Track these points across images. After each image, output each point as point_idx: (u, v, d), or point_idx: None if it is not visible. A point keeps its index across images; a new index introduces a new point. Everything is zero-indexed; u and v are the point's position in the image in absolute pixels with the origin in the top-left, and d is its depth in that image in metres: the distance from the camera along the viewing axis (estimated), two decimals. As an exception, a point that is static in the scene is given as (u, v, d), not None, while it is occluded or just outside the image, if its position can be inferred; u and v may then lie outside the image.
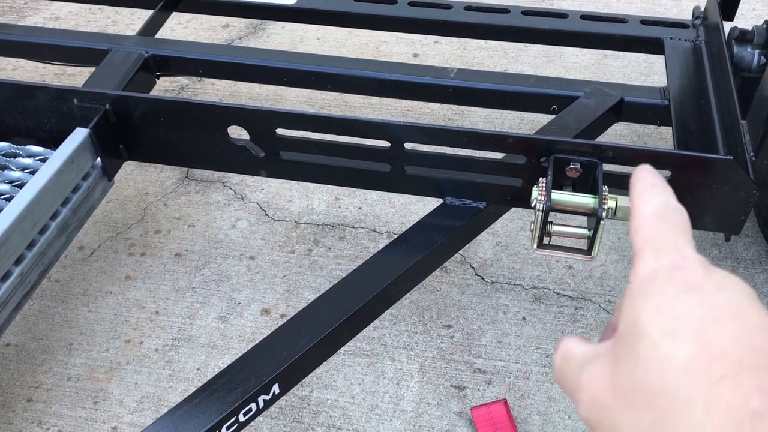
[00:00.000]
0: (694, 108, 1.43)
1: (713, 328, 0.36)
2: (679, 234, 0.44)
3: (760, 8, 2.43)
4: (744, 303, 0.38)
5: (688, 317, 0.37)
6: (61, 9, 2.63)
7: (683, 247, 0.43)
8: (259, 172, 1.38)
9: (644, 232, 0.44)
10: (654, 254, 0.42)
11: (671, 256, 0.42)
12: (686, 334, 0.36)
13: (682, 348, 0.36)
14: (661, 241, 0.43)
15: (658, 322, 0.38)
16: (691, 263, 0.41)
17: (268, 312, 1.61)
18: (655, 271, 0.41)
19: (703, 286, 0.39)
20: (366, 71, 1.64)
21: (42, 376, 1.51)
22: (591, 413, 0.41)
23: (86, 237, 1.79)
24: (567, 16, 1.73)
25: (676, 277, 0.40)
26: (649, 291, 0.40)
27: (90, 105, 1.33)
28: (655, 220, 0.45)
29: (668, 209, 0.45)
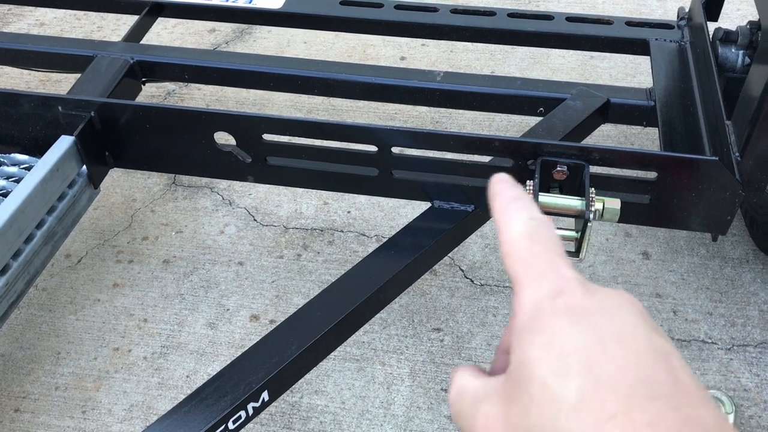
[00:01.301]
0: (679, 109, 1.43)
1: (601, 359, 0.35)
2: (553, 253, 0.42)
3: (744, 8, 2.45)
4: (630, 322, 0.38)
5: (577, 351, 0.36)
6: (46, 15, 2.61)
7: (560, 267, 0.41)
8: (246, 177, 1.38)
9: (517, 258, 0.42)
10: (534, 282, 0.40)
11: (551, 282, 0.40)
12: (575, 370, 0.35)
13: (571, 386, 0.35)
14: (538, 266, 0.41)
15: (547, 360, 0.36)
16: (573, 285, 0.39)
17: (258, 318, 1.60)
18: (539, 301, 0.39)
19: (587, 310, 0.38)
20: (353, 75, 1.64)
21: (29, 385, 1.49)
22: None
23: (73, 245, 1.77)
24: (553, 18, 1.73)
25: (559, 305, 0.38)
26: (535, 325, 0.38)
27: (75, 112, 1.32)
28: (527, 243, 0.42)
29: (537, 227, 0.43)
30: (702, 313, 1.59)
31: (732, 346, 1.53)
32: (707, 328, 1.56)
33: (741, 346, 1.53)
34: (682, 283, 1.65)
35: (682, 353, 1.51)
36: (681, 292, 1.63)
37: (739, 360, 1.50)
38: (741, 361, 1.50)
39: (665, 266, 1.69)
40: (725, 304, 1.61)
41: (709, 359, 1.50)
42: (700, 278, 1.66)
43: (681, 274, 1.67)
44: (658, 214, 1.25)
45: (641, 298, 1.61)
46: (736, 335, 1.55)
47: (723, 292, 1.63)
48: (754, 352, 1.52)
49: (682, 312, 1.59)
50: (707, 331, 1.56)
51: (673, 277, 1.66)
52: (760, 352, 1.52)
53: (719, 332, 1.55)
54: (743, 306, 1.60)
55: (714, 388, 1.44)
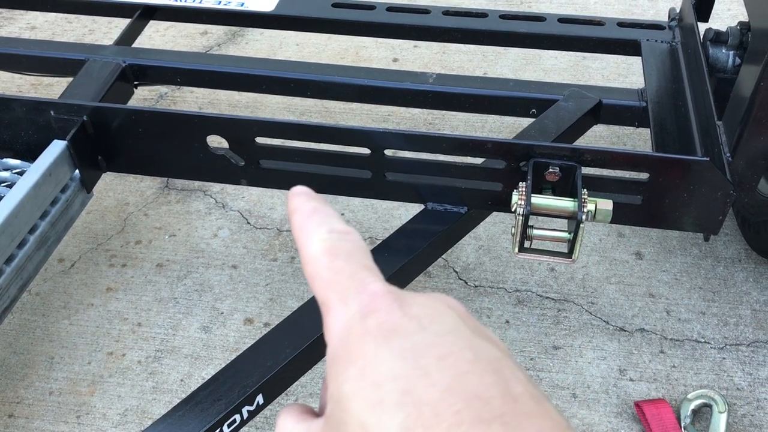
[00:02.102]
0: (671, 109, 1.44)
1: (423, 384, 0.31)
2: (358, 267, 0.37)
3: (735, 8, 2.46)
4: (451, 336, 0.34)
5: (395, 377, 0.32)
6: (37, 18, 2.60)
7: (368, 282, 0.36)
8: (239, 181, 1.38)
9: (320, 278, 0.37)
10: (340, 302, 0.36)
11: (359, 299, 0.35)
12: (394, 401, 0.31)
13: (393, 421, 0.31)
14: (342, 283, 0.36)
15: (363, 393, 0.32)
16: (383, 300, 0.35)
17: (252, 321, 1.60)
18: (348, 323, 0.35)
19: (403, 327, 0.34)
20: (346, 77, 1.64)
21: (23, 391, 1.49)
22: None
23: (66, 249, 1.77)
24: (545, 20, 1.74)
25: (371, 325, 0.34)
26: (346, 352, 0.34)
27: (67, 117, 1.32)
28: (328, 259, 0.37)
29: (337, 240, 0.38)
30: (695, 312, 1.60)
31: (725, 345, 1.54)
32: (700, 327, 1.57)
33: (734, 346, 1.53)
34: (675, 283, 1.65)
35: (676, 353, 1.52)
36: (674, 291, 1.64)
37: (731, 359, 1.51)
38: (734, 360, 1.51)
39: (658, 266, 1.69)
40: (718, 304, 1.61)
41: (702, 359, 1.51)
42: (692, 278, 1.66)
43: (674, 274, 1.67)
44: (650, 215, 1.26)
45: (634, 298, 1.62)
46: (729, 334, 1.55)
47: (716, 291, 1.64)
48: (747, 351, 1.52)
49: (675, 312, 1.60)
50: (700, 331, 1.56)
51: (666, 277, 1.67)
52: (753, 351, 1.52)
53: (712, 332, 1.56)
54: (736, 305, 1.61)
55: (707, 387, 1.45)
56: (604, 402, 1.44)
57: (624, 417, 1.42)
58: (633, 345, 1.54)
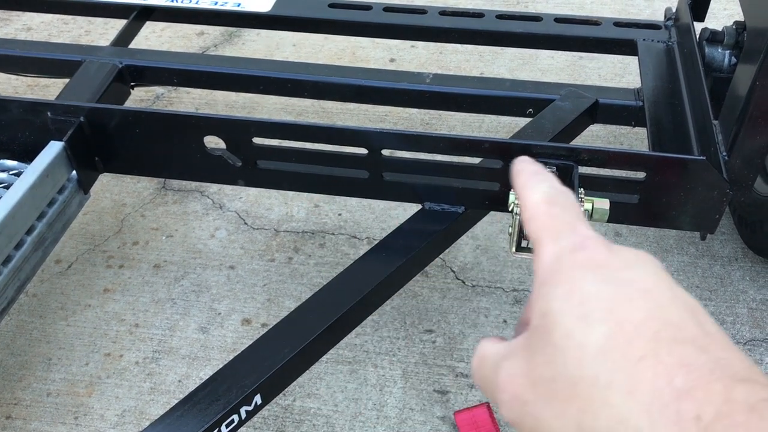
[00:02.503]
0: (667, 109, 1.44)
1: (626, 307, 0.35)
2: (572, 215, 0.43)
3: (731, 8, 2.46)
4: (653, 278, 0.38)
5: (599, 299, 0.36)
6: (33, 19, 2.60)
7: (579, 227, 0.41)
8: (236, 181, 1.38)
9: (537, 220, 0.43)
10: (553, 239, 0.41)
11: (570, 238, 0.40)
12: (599, 317, 0.35)
13: (596, 331, 0.35)
14: (556, 225, 0.42)
15: (569, 309, 0.36)
16: (592, 242, 0.40)
17: (249, 322, 1.60)
18: (558, 255, 0.40)
19: (608, 264, 0.38)
20: (343, 78, 1.64)
21: (21, 392, 1.49)
22: (513, 413, 0.39)
23: (63, 250, 1.77)
24: (541, 20, 1.74)
25: (579, 258, 0.39)
26: (555, 277, 0.38)
27: (64, 118, 1.32)
28: (546, 206, 0.43)
29: (555, 193, 0.44)
30: (692, 311, 1.60)
31: (722, 343, 1.54)
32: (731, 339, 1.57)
33: (731, 344, 1.54)
34: (672, 282, 1.66)
35: (673, 351, 1.52)
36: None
37: (728, 357, 1.51)
38: (731, 359, 1.51)
39: (655, 265, 1.69)
40: (715, 303, 1.62)
41: (699, 357, 1.51)
42: (689, 277, 1.67)
43: (671, 273, 1.67)
44: (647, 214, 1.26)
45: (631, 297, 1.63)
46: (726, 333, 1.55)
47: (712, 290, 1.64)
48: (743, 349, 1.53)
49: (672, 310, 1.60)
50: (697, 329, 1.56)
51: (663, 275, 1.67)
52: (750, 349, 1.53)
53: (709, 330, 1.56)
54: (732, 304, 1.61)
55: (704, 386, 1.45)
56: (602, 401, 1.44)
57: (621, 416, 1.42)
58: (630, 344, 1.54)
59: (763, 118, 1.17)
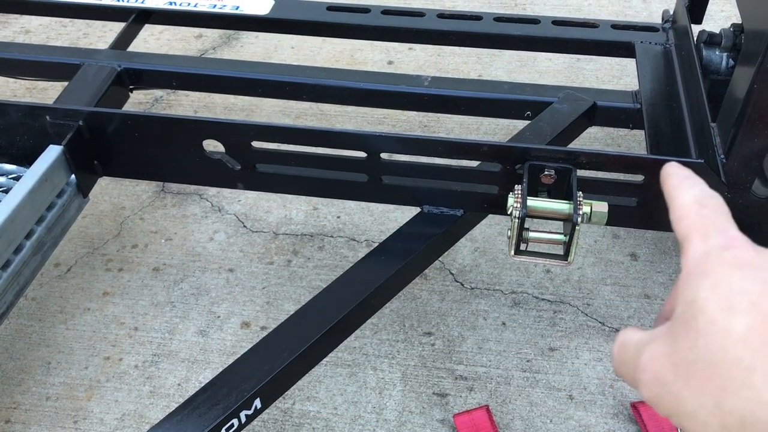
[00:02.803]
0: (665, 111, 1.45)
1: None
2: (722, 217, 0.45)
3: (728, 9, 2.47)
4: None
5: (744, 292, 0.38)
6: (31, 22, 2.60)
7: (729, 228, 0.44)
8: (235, 185, 1.38)
9: (687, 219, 0.46)
10: (702, 238, 0.44)
11: (719, 238, 0.43)
12: (743, 308, 0.38)
13: (740, 321, 0.37)
14: (706, 225, 0.44)
15: (715, 299, 0.39)
16: (740, 243, 0.42)
17: (249, 325, 1.60)
18: (707, 252, 0.42)
19: (755, 263, 0.40)
20: (341, 81, 1.65)
21: (20, 396, 1.49)
22: (653, 391, 0.42)
23: (62, 254, 1.77)
24: (539, 22, 1.74)
25: (727, 256, 0.41)
26: (703, 271, 0.41)
27: (63, 122, 1.32)
28: (697, 207, 0.46)
29: (706, 196, 0.47)
30: (690, 313, 1.60)
31: (720, 345, 1.54)
32: None
33: (729, 346, 1.54)
34: (671, 284, 1.66)
35: (671, 353, 1.52)
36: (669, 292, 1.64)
37: (727, 359, 1.51)
38: (729, 361, 1.51)
39: (653, 267, 1.70)
40: (713, 304, 1.62)
41: (697, 359, 1.51)
42: (687, 278, 1.67)
43: (669, 275, 1.68)
44: (645, 217, 1.27)
45: (630, 299, 1.63)
46: None
47: (711, 292, 1.64)
48: (742, 351, 1.53)
49: (670, 312, 1.60)
50: (696, 331, 1.57)
51: (662, 277, 1.68)
52: (748, 351, 1.53)
53: (707, 332, 1.56)
54: (731, 305, 1.61)
55: (703, 388, 1.45)
56: (601, 403, 1.45)
57: (620, 418, 1.42)
58: (629, 346, 1.54)
59: (761, 121, 1.18)
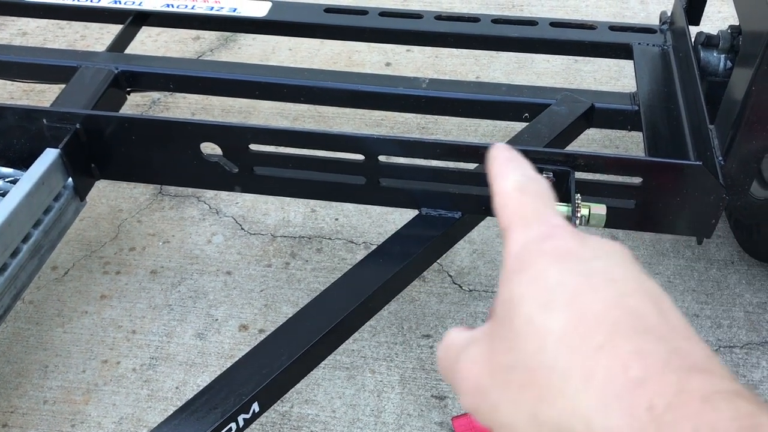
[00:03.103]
0: (663, 113, 1.45)
1: (589, 296, 0.35)
2: (543, 204, 0.42)
3: (725, 10, 2.47)
4: (621, 267, 0.37)
5: (564, 286, 0.35)
6: (28, 24, 2.60)
7: (550, 216, 0.41)
8: (233, 187, 1.38)
9: (507, 208, 0.42)
10: (522, 228, 0.40)
11: (539, 227, 0.40)
12: (561, 304, 0.35)
13: (557, 318, 0.34)
14: (526, 214, 0.41)
15: (533, 295, 0.36)
16: (561, 231, 0.39)
17: (246, 328, 1.60)
18: (526, 243, 0.39)
19: (577, 253, 0.38)
20: (339, 83, 1.64)
21: (17, 400, 1.48)
22: (471, 401, 0.38)
23: (60, 257, 1.76)
24: (537, 24, 1.74)
25: (548, 247, 0.38)
26: (522, 265, 0.38)
27: (60, 125, 1.32)
28: (517, 193, 0.43)
29: (527, 181, 0.43)
30: (688, 315, 1.60)
31: (719, 347, 1.54)
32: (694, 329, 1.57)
33: (727, 348, 1.54)
34: (669, 286, 1.66)
35: (670, 355, 1.52)
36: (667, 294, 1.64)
37: (725, 361, 1.51)
38: (728, 363, 1.51)
39: (651, 269, 1.70)
40: (711, 306, 1.62)
41: (696, 361, 1.51)
42: (686, 280, 1.67)
43: (667, 277, 1.68)
44: (643, 219, 1.26)
45: (628, 301, 1.63)
46: (723, 336, 1.56)
47: (709, 294, 1.64)
48: (741, 353, 1.53)
49: (669, 314, 1.60)
50: (694, 333, 1.57)
51: (660, 279, 1.67)
52: (746, 353, 1.53)
53: (706, 334, 1.56)
54: (729, 307, 1.61)
55: (702, 390, 1.45)
56: (600, 405, 1.44)
57: (619, 420, 1.42)
58: (627, 348, 1.54)
59: (760, 123, 1.18)
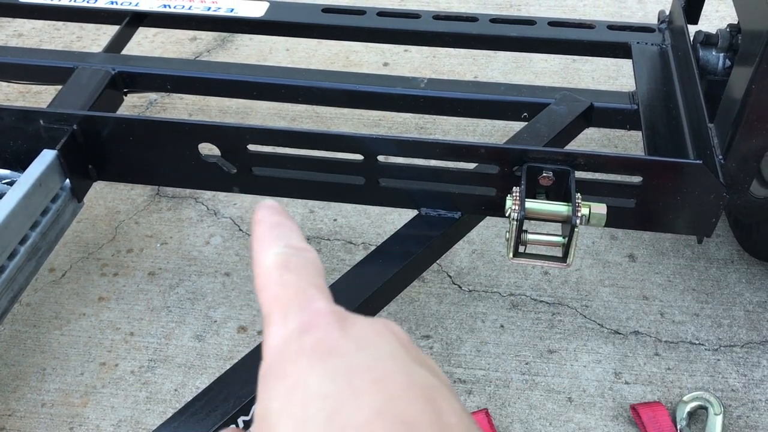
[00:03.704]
0: (662, 112, 1.44)
1: (352, 405, 0.30)
2: (307, 284, 0.37)
3: (723, 9, 2.47)
4: (388, 360, 0.33)
5: (323, 397, 0.31)
6: (24, 25, 2.59)
7: (313, 299, 0.36)
8: (231, 188, 1.37)
9: (268, 290, 0.37)
10: (281, 317, 0.35)
11: (300, 315, 0.35)
12: (321, 421, 0.30)
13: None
14: (287, 299, 0.36)
15: (289, 411, 0.31)
16: (324, 319, 0.35)
17: (245, 329, 1.59)
18: (285, 339, 0.34)
19: (339, 348, 0.33)
20: (336, 83, 1.64)
21: (15, 403, 1.47)
22: None
23: (57, 259, 1.75)
24: (535, 23, 1.74)
25: (308, 343, 0.33)
26: (279, 369, 0.33)
27: (57, 126, 1.31)
28: (278, 272, 0.37)
29: (290, 255, 0.38)
30: (689, 314, 1.60)
31: (719, 346, 1.54)
32: (694, 329, 1.57)
33: (728, 347, 1.54)
34: (669, 285, 1.66)
35: (670, 355, 1.52)
36: (667, 293, 1.64)
37: (726, 360, 1.51)
38: (728, 362, 1.51)
39: (651, 268, 1.69)
40: (711, 305, 1.62)
41: (696, 360, 1.51)
42: (686, 280, 1.67)
43: (667, 276, 1.68)
44: (643, 218, 1.26)
45: (628, 301, 1.62)
46: (723, 336, 1.56)
47: (709, 293, 1.64)
48: (741, 352, 1.53)
49: (669, 314, 1.60)
50: (694, 333, 1.56)
51: (660, 279, 1.67)
52: (747, 352, 1.53)
53: (706, 333, 1.56)
54: (729, 306, 1.61)
55: (702, 389, 1.45)
56: (600, 405, 1.44)
57: (620, 420, 1.42)
58: (628, 348, 1.54)
59: (759, 121, 1.17)
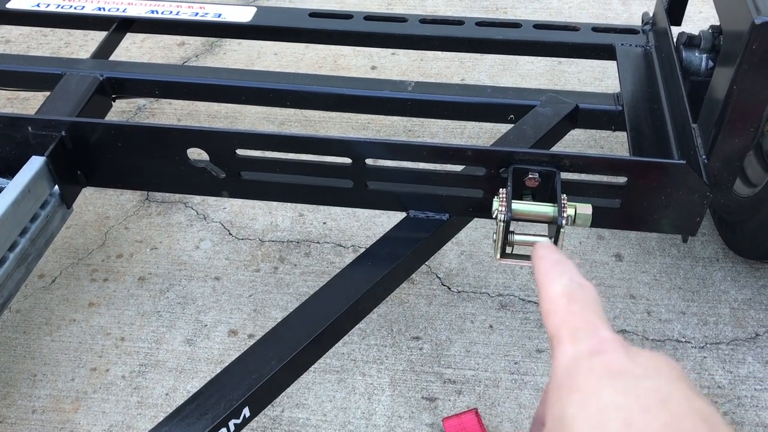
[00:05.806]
0: (647, 113, 1.46)
1: (643, 418, 0.35)
2: (592, 314, 0.42)
3: (706, 11, 2.50)
4: (672, 386, 0.37)
5: (616, 408, 0.35)
6: (11, 32, 2.58)
7: (599, 328, 0.41)
8: (220, 193, 1.38)
9: (556, 316, 0.42)
10: (571, 340, 0.40)
11: (589, 340, 0.40)
12: (615, 427, 0.35)
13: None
14: (576, 324, 0.41)
15: (585, 417, 0.36)
16: (611, 346, 0.39)
17: (236, 333, 1.60)
18: (576, 359, 0.39)
19: (628, 370, 0.38)
20: (324, 87, 1.65)
21: (5, 410, 1.47)
22: None
23: (47, 265, 1.75)
24: (521, 26, 1.75)
25: (597, 364, 0.38)
26: (572, 382, 0.38)
27: (45, 132, 1.31)
28: (565, 301, 0.43)
29: (576, 288, 0.43)
30: (675, 312, 1.62)
31: (705, 344, 1.56)
32: (681, 327, 1.59)
33: (713, 344, 1.56)
34: (655, 284, 1.67)
35: (657, 353, 1.54)
36: (654, 292, 1.66)
37: (712, 358, 1.53)
38: (714, 359, 1.53)
39: (638, 267, 1.71)
40: (697, 303, 1.63)
41: (683, 358, 1.53)
42: (672, 278, 1.69)
43: (654, 275, 1.69)
44: (628, 218, 1.28)
45: (615, 300, 1.64)
46: (709, 333, 1.57)
47: (695, 291, 1.66)
48: (726, 349, 1.55)
49: (655, 312, 1.62)
50: (681, 331, 1.58)
51: (646, 278, 1.69)
52: (732, 349, 1.55)
53: (692, 331, 1.58)
54: (715, 304, 1.63)
55: (689, 386, 1.46)
56: (589, 404, 1.45)
57: (608, 418, 1.43)
58: (615, 346, 1.55)
59: (741, 121, 1.19)
